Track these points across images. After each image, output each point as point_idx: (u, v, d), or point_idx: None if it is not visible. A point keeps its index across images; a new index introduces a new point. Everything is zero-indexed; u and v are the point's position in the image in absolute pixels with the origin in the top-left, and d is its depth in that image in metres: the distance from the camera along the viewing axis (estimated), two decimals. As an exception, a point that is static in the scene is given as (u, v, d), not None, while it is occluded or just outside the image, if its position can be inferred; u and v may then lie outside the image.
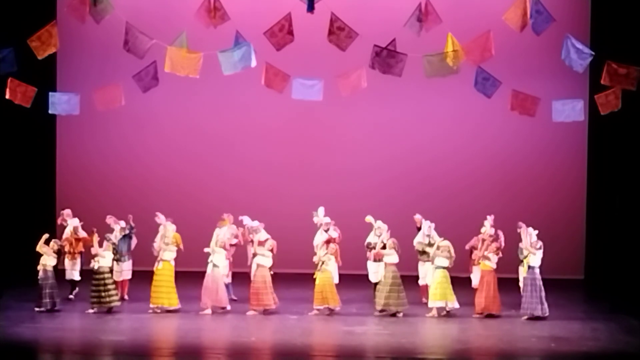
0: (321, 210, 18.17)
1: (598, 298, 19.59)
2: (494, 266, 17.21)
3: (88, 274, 17.72)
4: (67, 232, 18.37)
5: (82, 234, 18.19)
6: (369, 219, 17.87)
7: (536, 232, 17.21)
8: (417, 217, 18.15)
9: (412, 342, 15.55)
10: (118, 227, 18.07)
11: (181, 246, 17.67)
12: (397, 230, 17.84)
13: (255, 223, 17.88)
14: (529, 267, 17.08)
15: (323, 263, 17.33)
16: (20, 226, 20.79)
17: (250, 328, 16.41)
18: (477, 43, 17.48)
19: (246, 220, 18.03)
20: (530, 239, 17.07)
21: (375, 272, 17.75)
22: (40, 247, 17.12)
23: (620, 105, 17.62)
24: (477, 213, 18.70)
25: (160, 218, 17.70)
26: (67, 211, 18.63)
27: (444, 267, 17.12)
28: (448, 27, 17.43)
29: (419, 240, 17.83)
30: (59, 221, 18.65)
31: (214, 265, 17.33)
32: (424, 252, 17.75)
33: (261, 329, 16.46)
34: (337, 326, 16.55)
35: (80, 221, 18.35)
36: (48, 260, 17.13)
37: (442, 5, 17.65)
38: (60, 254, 17.46)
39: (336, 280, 17.72)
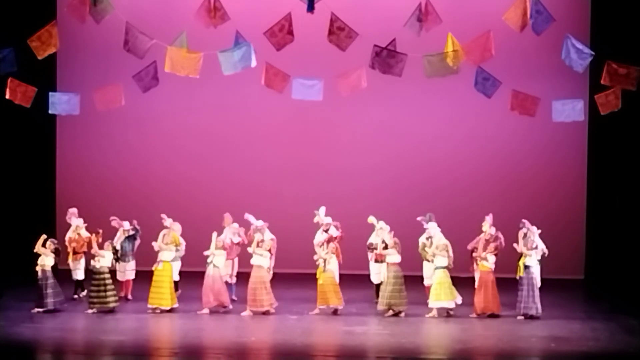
0: (322, 209, 18.19)
1: (598, 298, 19.59)
2: (492, 267, 17.22)
3: (90, 273, 17.77)
4: (70, 232, 18.38)
5: (85, 234, 18.19)
6: (372, 219, 17.87)
7: (539, 231, 17.23)
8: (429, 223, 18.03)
9: (412, 342, 15.54)
10: (121, 230, 18.11)
11: (180, 247, 17.66)
12: (398, 230, 17.86)
13: (260, 222, 17.89)
14: (525, 266, 17.11)
15: (325, 261, 17.34)
16: (20, 226, 20.78)
17: (250, 328, 16.41)
18: (477, 43, 17.48)
19: (251, 219, 18.05)
20: (531, 237, 17.11)
21: (377, 272, 17.77)
22: (38, 248, 17.11)
23: (620, 105, 17.63)
24: (477, 213, 18.69)
25: (167, 220, 17.70)
26: (73, 210, 18.60)
27: (444, 267, 17.12)
28: (448, 27, 17.43)
29: (422, 241, 17.82)
30: (66, 218, 18.60)
31: (214, 266, 17.33)
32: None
33: (261, 329, 16.45)
34: (337, 326, 16.55)
35: (83, 222, 18.38)
36: (46, 261, 17.10)
37: (442, 5, 17.65)
38: (58, 253, 17.43)
39: (336, 279, 17.74)
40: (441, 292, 17.07)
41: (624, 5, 20.22)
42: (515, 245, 17.18)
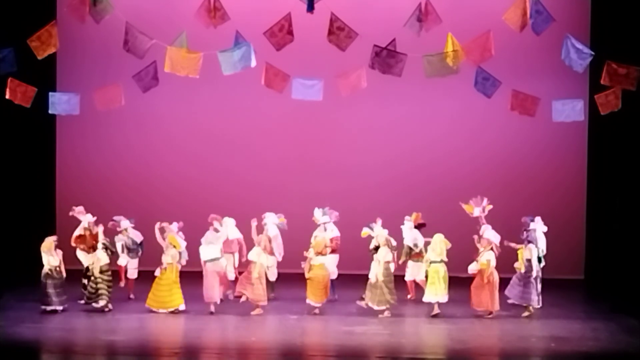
0: (316, 211, 18.36)
1: (598, 298, 19.58)
2: (493, 263, 17.22)
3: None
4: (80, 229, 18.34)
5: (95, 229, 18.13)
6: (366, 231, 17.93)
7: (544, 229, 17.32)
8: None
9: (412, 342, 15.55)
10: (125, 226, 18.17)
11: (179, 247, 17.63)
12: (398, 229, 17.91)
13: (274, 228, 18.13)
14: (526, 260, 17.18)
15: (309, 262, 17.38)
16: (20, 226, 20.78)
17: (250, 328, 16.42)
18: (477, 43, 17.48)
19: (271, 217, 18.30)
20: (533, 234, 17.26)
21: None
22: (43, 247, 17.14)
23: (620, 105, 17.64)
24: (477, 213, 18.72)
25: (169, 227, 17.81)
26: (80, 208, 18.57)
27: (438, 262, 17.10)
28: (448, 27, 17.43)
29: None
30: (75, 214, 18.60)
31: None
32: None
33: (261, 329, 16.46)
34: (337, 326, 16.55)
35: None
36: (50, 260, 17.10)
37: (442, 5, 17.65)
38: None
39: (334, 275, 17.97)
40: (438, 287, 17.06)
41: (624, 5, 20.21)
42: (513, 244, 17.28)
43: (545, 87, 19.53)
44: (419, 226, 18.35)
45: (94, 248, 17.94)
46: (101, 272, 17.25)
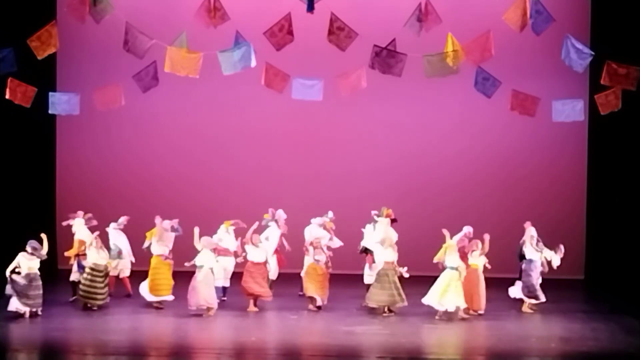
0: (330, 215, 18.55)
1: (598, 298, 19.59)
2: (478, 265, 17.20)
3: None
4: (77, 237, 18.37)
5: (83, 234, 18.10)
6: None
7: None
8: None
9: (412, 342, 15.55)
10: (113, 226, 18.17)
11: (154, 239, 17.62)
12: (401, 231, 17.97)
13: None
14: (529, 260, 17.26)
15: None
16: (20, 226, 20.74)
17: (250, 328, 16.41)
18: (477, 43, 17.49)
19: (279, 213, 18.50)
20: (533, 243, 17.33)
21: (370, 274, 17.84)
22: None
23: (620, 105, 17.65)
24: (478, 213, 18.72)
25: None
26: (73, 215, 18.61)
27: (456, 268, 17.00)
28: (448, 27, 17.44)
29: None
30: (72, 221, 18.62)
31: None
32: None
33: (261, 329, 16.46)
34: (337, 326, 16.54)
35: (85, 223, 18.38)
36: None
37: (442, 6, 17.66)
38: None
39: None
40: (456, 293, 16.99)
41: (624, 5, 20.20)
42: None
43: (545, 87, 19.52)
44: (391, 222, 18.35)
45: (82, 255, 18.00)
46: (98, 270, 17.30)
